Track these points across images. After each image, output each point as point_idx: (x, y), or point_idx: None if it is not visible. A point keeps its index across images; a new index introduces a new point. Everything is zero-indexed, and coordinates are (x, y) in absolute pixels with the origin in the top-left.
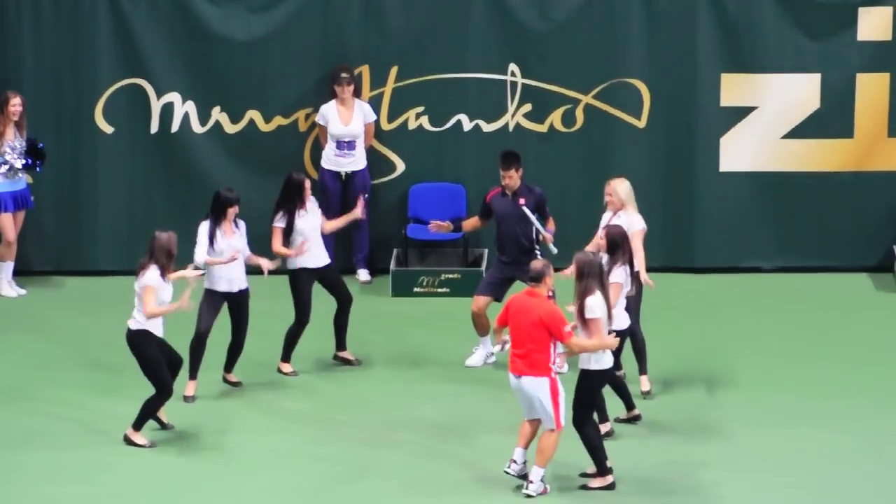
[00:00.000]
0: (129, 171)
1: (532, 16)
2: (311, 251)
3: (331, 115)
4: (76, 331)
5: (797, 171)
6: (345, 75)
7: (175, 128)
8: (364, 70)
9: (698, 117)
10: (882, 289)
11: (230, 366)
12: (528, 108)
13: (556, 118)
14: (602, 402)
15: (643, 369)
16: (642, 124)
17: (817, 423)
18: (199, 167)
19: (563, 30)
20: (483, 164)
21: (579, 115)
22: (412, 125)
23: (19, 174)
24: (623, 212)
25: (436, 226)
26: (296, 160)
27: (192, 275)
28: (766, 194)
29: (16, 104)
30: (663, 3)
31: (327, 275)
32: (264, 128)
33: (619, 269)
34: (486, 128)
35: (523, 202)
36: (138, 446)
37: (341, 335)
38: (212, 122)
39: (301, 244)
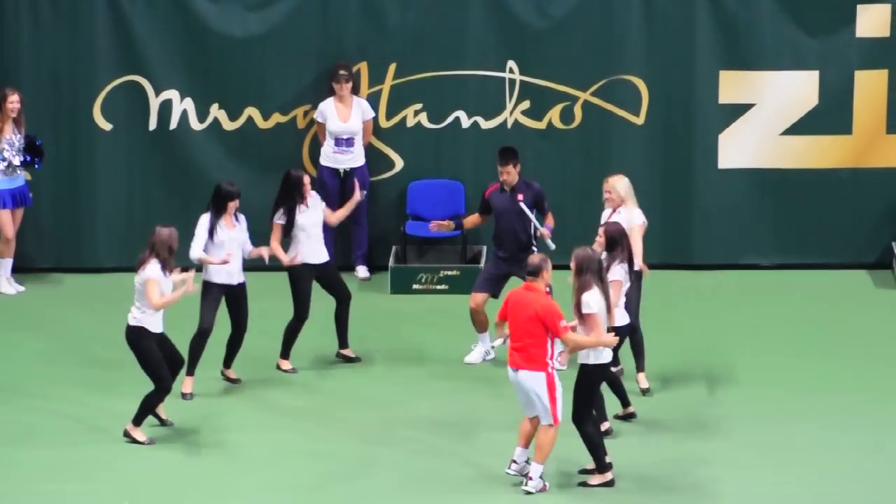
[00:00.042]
0: (128, 168)
1: (530, 13)
2: (311, 247)
3: (329, 112)
4: (75, 328)
5: (796, 167)
6: (343, 72)
7: (173, 125)
8: (362, 67)
9: (697, 114)
10: (881, 285)
11: (229, 361)
12: (526, 105)
13: (554, 115)
14: (601, 401)
15: (641, 367)
16: (641, 121)
17: (816, 419)
18: (198, 164)
19: (562, 27)
20: (481, 161)
21: (578, 112)
22: (411, 122)
23: (18, 171)
24: (623, 207)
25: (437, 225)
26: (294, 157)
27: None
28: (764, 191)
29: (14, 101)
30: (662, 0)
31: (326, 272)
32: (263, 125)
33: (618, 268)
34: (485, 125)
35: (521, 198)
36: (138, 443)
37: (343, 333)
38: (210, 119)
39: (294, 257)
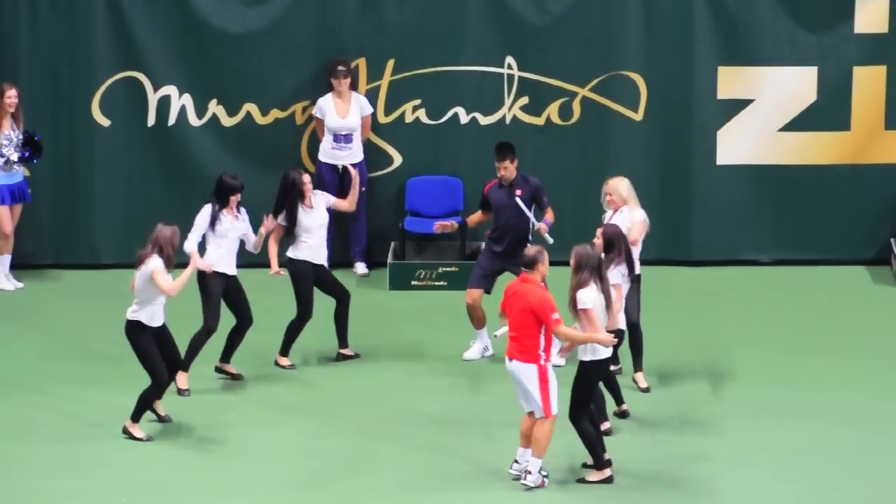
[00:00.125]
0: (126, 164)
1: (529, 9)
2: (313, 248)
3: (327, 108)
4: (74, 324)
5: (794, 163)
6: (341, 68)
7: (172, 121)
8: (361, 63)
9: (695, 110)
10: (879, 281)
11: (228, 355)
12: (524, 100)
13: (552, 111)
14: (602, 401)
15: (639, 366)
16: (639, 117)
17: (814, 416)
18: (196, 160)
19: (560, 23)
20: (480, 157)
21: (576, 107)
22: (409, 118)
23: (16, 167)
24: (625, 208)
25: (440, 226)
26: (293, 153)
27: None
28: (762, 187)
29: (11, 96)
30: None
31: (322, 275)
32: (261, 121)
33: (615, 270)
34: (483, 121)
35: (519, 193)
36: (136, 439)
37: (342, 333)
38: (209, 115)
39: (279, 271)
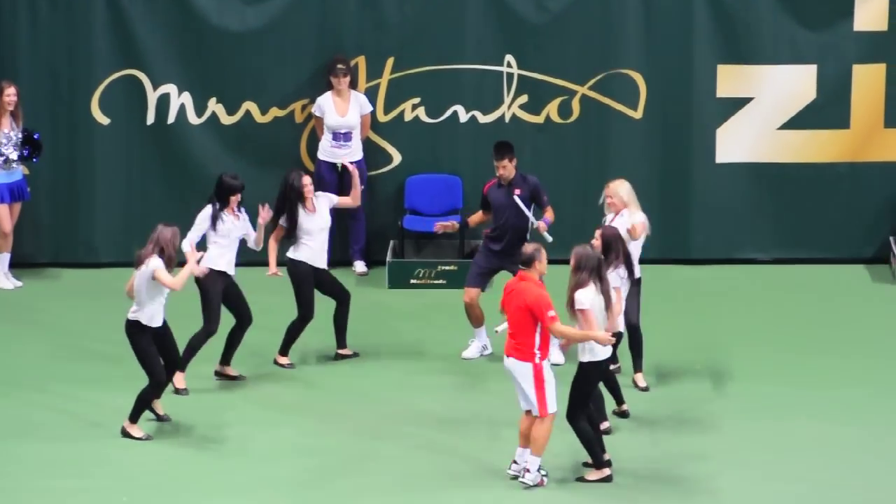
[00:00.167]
0: (126, 162)
1: (528, 7)
2: (313, 250)
3: (327, 106)
4: (73, 323)
5: (794, 162)
6: (341, 66)
7: (171, 119)
8: (360, 61)
9: (694, 108)
10: (879, 280)
11: (228, 357)
12: (524, 99)
13: (552, 109)
14: (601, 401)
15: (638, 367)
16: (638, 115)
17: (814, 414)
18: (196, 159)
19: (560, 21)
20: (479, 156)
21: (575, 106)
22: (408, 116)
23: (15, 165)
24: (626, 211)
25: (441, 226)
26: (292, 151)
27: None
28: (762, 185)
29: (10, 94)
30: None
31: (322, 278)
32: (260, 119)
33: (614, 273)
34: (483, 119)
35: (518, 192)
36: (135, 439)
37: (341, 333)
38: (208, 113)
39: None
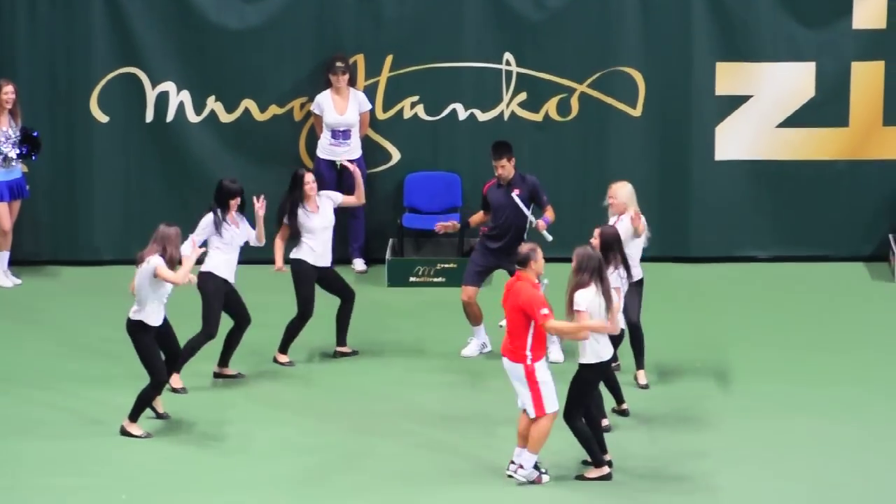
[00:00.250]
0: (125, 160)
1: (527, 4)
2: (314, 250)
3: (326, 104)
4: (72, 320)
5: (792, 159)
6: (340, 64)
7: (170, 117)
8: (359, 59)
9: (693, 106)
10: (878, 278)
11: (226, 359)
12: (523, 97)
13: (551, 107)
14: (600, 399)
15: (640, 365)
16: (637, 113)
17: (813, 412)
18: (195, 157)
19: (558, 18)
20: (478, 154)
21: (574, 103)
22: (407, 114)
23: (14, 163)
24: (625, 214)
25: (442, 226)
26: (291, 149)
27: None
28: (761, 183)
29: (8, 92)
30: None
31: (326, 276)
32: (259, 117)
33: (614, 274)
34: (482, 117)
35: (517, 192)
36: (134, 437)
37: (342, 332)
38: (207, 111)
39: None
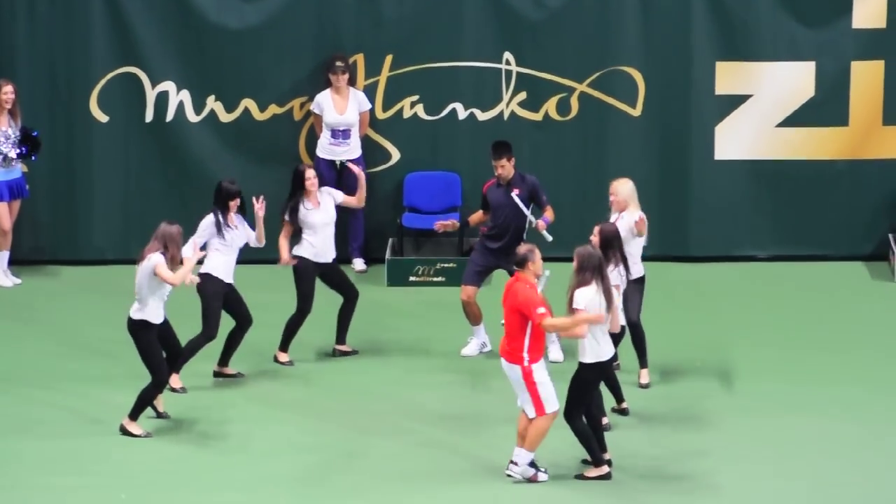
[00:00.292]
0: (124, 160)
1: (527, 4)
2: (315, 246)
3: (325, 103)
4: (72, 320)
5: (792, 159)
6: (340, 64)
7: (170, 117)
8: (359, 59)
9: (693, 105)
10: (877, 277)
11: (226, 359)
12: (522, 96)
13: (550, 107)
14: (599, 398)
15: (643, 363)
16: (637, 113)
17: (813, 411)
18: (194, 156)
19: (558, 18)
20: (478, 153)
21: (574, 103)
22: (407, 114)
23: (14, 163)
24: (626, 212)
25: (441, 225)
26: (291, 149)
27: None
28: (761, 183)
29: (7, 92)
30: None
31: (330, 272)
32: (259, 116)
33: (615, 272)
34: (481, 116)
35: (517, 192)
36: (134, 436)
37: (342, 330)
38: (206, 110)
39: (290, 260)
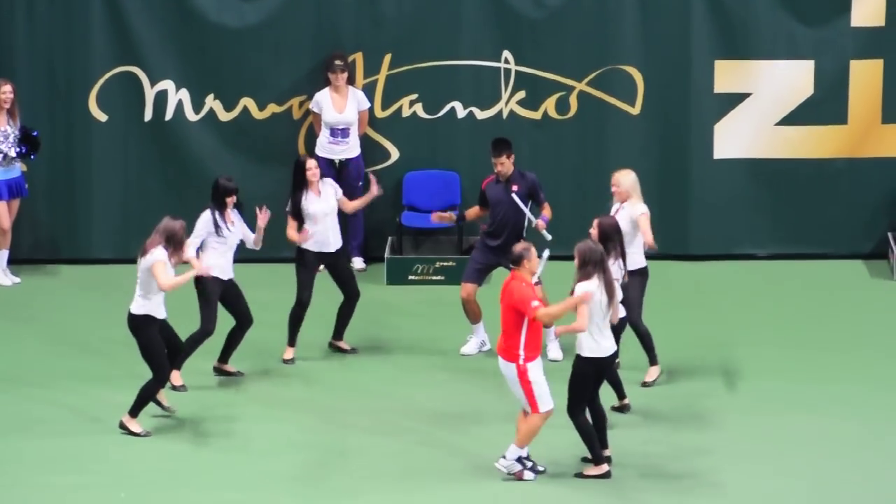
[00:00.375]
0: (123, 159)
1: (526, 3)
2: (315, 236)
3: (325, 102)
4: (71, 319)
5: (791, 157)
6: (339, 63)
7: (169, 115)
8: (358, 57)
9: (692, 104)
10: (877, 276)
11: (227, 355)
12: (521, 95)
13: (549, 105)
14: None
15: (652, 361)
16: (636, 111)
17: (813, 409)
18: (194, 155)
19: (557, 17)
20: (477, 152)
21: (573, 102)
22: (406, 112)
23: (13, 162)
24: (628, 202)
25: (438, 216)
26: (290, 148)
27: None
28: (760, 181)
29: (6, 91)
30: None
31: (335, 264)
32: (258, 115)
33: (615, 265)
34: (480, 115)
35: (516, 189)
36: (134, 434)
37: (340, 326)
38: (206, 109)
39: (304, 231)
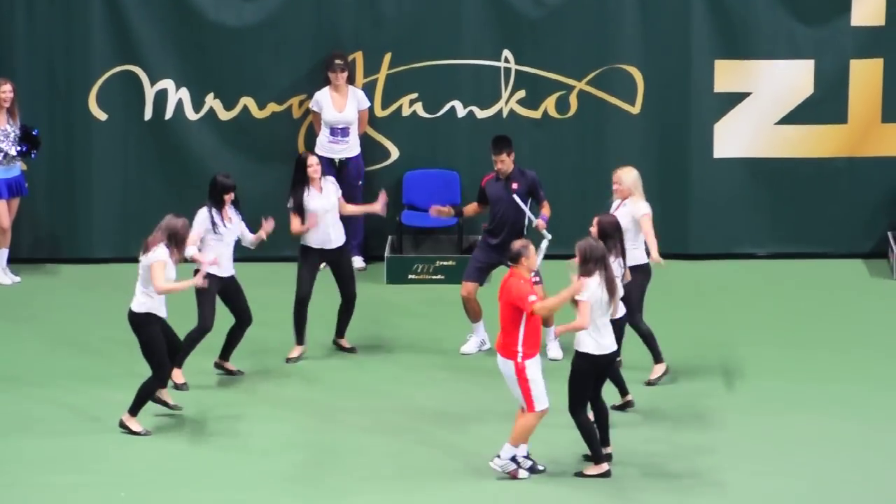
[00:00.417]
0: (123, 158)
1: (526, 2)
2: (317, 234)
3: (325, 101)
4: (71, 318)
5: (791, 157)
6: (339, 62)
7: (169, 115)
8: (358, 56)
9: (692, 103)
10: (877, 275)
11: (228, 353)
12: (521, 94)
13: (549, 104)
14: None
15: (657, 359)
16: (636, 110)
17: (813, 409)
18: (194, 154)
19: (557, 16)
20: (477, 151)
21: (573, 101)
22: (406, 112)
23: (13, 161)
24: (629, 200)
25: (436, 210)
26: (290, 147)
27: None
28: (760, 180)
29: (6, 90)
30: None
31: (338, 262)
32: (258, 114)
33: (615, 263)
34: (480, 114)
35: (516, 187)
36: (134, 433)
37: (342, 324)
38: (206, 108)
39: (311, 216)
